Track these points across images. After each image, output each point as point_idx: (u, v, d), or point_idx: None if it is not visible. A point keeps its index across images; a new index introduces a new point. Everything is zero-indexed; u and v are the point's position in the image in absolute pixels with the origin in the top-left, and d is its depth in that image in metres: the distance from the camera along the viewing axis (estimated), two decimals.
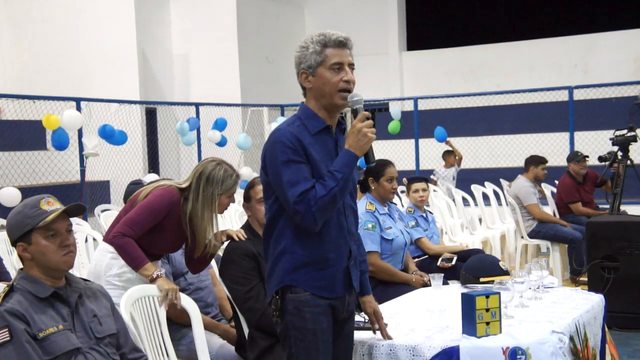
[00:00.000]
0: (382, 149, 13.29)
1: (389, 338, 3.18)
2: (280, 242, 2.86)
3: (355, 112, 2.84)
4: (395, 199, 7.32)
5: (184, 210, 3.87)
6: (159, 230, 3.86)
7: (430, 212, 6.55)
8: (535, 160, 8.26)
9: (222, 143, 11.25)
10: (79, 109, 9.19)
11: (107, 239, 3.89)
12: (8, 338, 2.57)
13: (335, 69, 2.84)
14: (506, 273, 4.26)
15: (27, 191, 7.92)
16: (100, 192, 11.37)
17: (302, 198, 2.72)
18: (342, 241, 2.91)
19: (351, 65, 2.88)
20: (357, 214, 3.11)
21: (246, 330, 3.89)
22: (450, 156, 11.91)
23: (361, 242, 3.20)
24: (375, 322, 3.17)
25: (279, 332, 2.92)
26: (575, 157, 8.55)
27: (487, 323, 3.13)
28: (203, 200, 3.84)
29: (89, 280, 3.02)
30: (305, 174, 2.77)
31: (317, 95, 2.88)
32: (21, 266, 2.83)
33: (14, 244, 2.78)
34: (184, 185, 3.91)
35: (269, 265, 2.93)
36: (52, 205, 2.77)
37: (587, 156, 8.54)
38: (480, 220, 9.49)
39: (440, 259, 5.65)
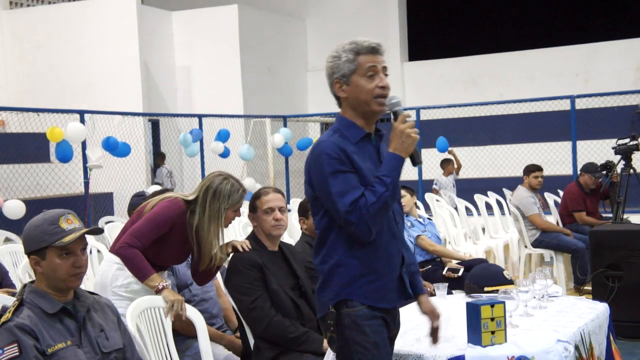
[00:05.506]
0: None
1: (436, 341, 3.01)
2: (333, 255, 2.78)
3: (395, 114, 2.78)
4: None
5: (190, 223, 3.88)
6: (164, 242, 3.88)
7: (430, 219, 6.56)
8: (526, 170, 8.31)
9: (225, 154, 11.27)
10: (82, 121, 9.22)
11: (113, 249, 3.91)
12: (17, 353, 2.58)
13: (370, 76, 2.77)
14: (510, 282, 4.27)
15: (31, 204, 7.96)
16: (103, 203, 11.38)
17: (353, 207, 2.65)
18: (394, 249, 2.84)
19: (385, 69, 2.81)
20: (404, 220, 3.03)
21: (251, 341, 3.90)
22: (449, 164, 11.90)
23: (408, 246, 3.06)
24: (434, 321, 2.99)
25: (336, 348, 2.81)
26: (594, 171, 8.38)
27: (493, 332, 3.14)
28: (209, 214, 3.84)
29: (96, 294, 3.03)
30: (353, 182, 2.69)
31: (353, 104, 2.81)
32: (28, 280, 2.84)
33: (27, 254, 2.78)
34: (190, 198, 3.92)
35: (320, 280, 2.85)
36: (71, 224, 2.76)
37: (604, 173, 8.36)
38: (483, 229, 9.49)
39: (446, 269, 5.65)
